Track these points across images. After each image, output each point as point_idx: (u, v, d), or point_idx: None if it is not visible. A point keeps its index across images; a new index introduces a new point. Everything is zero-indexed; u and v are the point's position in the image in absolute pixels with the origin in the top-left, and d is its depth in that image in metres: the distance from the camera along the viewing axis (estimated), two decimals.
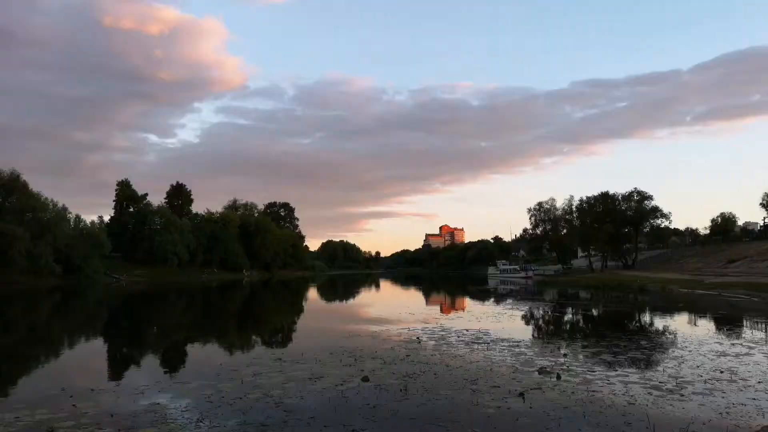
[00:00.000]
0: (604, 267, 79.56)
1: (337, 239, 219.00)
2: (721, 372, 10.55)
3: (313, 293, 51.02)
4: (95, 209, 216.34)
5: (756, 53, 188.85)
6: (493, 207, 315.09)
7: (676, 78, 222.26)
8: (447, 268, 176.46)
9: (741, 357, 12.27)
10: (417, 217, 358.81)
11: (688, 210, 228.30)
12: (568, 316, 25.63)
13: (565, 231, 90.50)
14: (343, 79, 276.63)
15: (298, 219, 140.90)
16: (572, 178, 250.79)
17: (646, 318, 23.67)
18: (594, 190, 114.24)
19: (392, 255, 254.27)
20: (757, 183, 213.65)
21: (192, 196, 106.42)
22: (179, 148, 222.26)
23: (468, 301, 37.63)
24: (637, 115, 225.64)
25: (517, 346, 14.02)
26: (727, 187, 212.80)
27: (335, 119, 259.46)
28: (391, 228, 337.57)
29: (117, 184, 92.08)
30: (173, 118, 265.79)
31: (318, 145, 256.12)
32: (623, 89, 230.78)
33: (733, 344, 14.28)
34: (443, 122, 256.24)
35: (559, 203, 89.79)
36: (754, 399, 8.51)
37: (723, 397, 8.59)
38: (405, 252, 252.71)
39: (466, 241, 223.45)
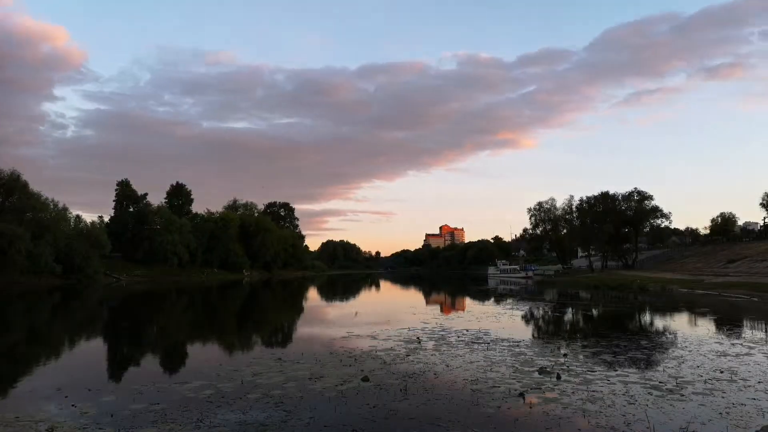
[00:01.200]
0: (604, 267, 79.56)
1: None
2: (721, 372, 10.55)
3: (313, 293, 51.00)
4: None
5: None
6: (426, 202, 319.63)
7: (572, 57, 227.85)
8: (447, 268, 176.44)
9: (741, 357, 12.27)
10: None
11: (685, 209, 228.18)
12: (568, 316, 25.62)
13: (565, 231, 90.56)
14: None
15: (298, 219, 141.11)
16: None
17: (646, 318, 23.67)
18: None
19: (392, 255, 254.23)
20: (757, 183, 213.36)
21: (192, 196, 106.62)
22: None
23: (468, 301, 37.62)
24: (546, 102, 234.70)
25: (517, 346, 14.02)
26: (726, 187, 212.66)
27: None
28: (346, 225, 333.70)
29: (117, 184, 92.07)
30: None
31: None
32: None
33: (733, 344, 14.28)
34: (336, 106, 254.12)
35: (559, 203, 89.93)
36: (754, 399, 8.51)
37: (723, 397, 8.59)
38: (405, 252, 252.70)
39: (466, 241, 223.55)
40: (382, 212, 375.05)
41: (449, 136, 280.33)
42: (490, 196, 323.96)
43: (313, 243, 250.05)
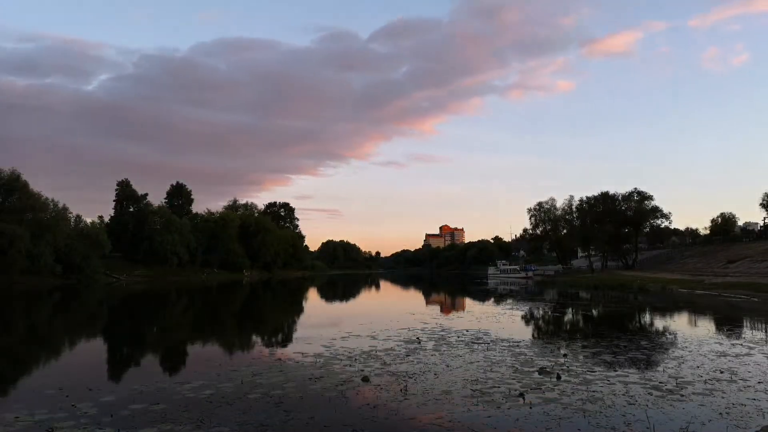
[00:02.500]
0: (604, 267, 79.56)
1: None
2: (721, 372, 10.55)
3: (313, 293, 51.00)
4: None
5: None
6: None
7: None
8: (447, 268, 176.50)
9: (741, 357, 12.27)
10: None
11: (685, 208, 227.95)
12: (568, 317, 25.62)
13: (565, 231, 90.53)
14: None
15: (298, 219, 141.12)
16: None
17: (646, 318, 23.66)
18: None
19: (392, 255, 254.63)
20: (757, 183, 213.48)
21: (192, 196, 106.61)
22: None
23: (468, 302, 37.62)
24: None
25: (517, 346, 14.02)
26: (725, 187, 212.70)
27: None
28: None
29: (117, 184, 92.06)
30: None
31: None
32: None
33: (733, 344, 14.27)
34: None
35: (559, 203, 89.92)
36: (754, 399, 8.51)
37: (723, 398, 8.59)
38: (405, 252, 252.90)
39: (466, 241, 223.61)
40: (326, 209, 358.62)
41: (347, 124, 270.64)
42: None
43: None
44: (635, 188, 76.74)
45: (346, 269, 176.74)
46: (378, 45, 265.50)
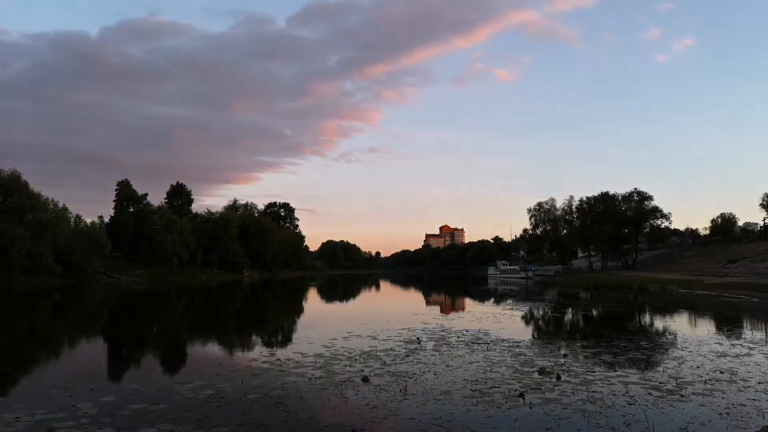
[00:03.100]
0: (604, 267, 79.57)
1: None
2: (721, 372, 10.55)
3: (313, 293, 51.00)
4: None
5: None
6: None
7: None
8: (447, 268, 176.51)
9: (741, 357, 12.28)
10: None
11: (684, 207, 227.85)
12: (568, 317, 25.62)
13: (565, 231, 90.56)
14: None
15: (298, 219, 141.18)
16: None
17: (646, 318, 23.67)
18: None
19: (392, 255, 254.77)
20: (757, 183, 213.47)
21: (192, 196, 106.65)
22: None
23: (468, 302, 37.62)
24: None
25: (517, 346, 14.02)
26: (725, 187, 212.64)
27: None
28: None
29: (117, 184, 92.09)
30: None
31: None
32: None
33: (733, 345, 14.28)
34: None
35: (559, 203, 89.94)
36: (754, 400, 8.51)
37: (723, 398, 8.59)
38: (405, 252, 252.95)
39: (466, 242, 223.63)
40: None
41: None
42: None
43: None
44: (635, 188, 76.94)
45: (346, 269, 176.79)
46: (305, 31, 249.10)
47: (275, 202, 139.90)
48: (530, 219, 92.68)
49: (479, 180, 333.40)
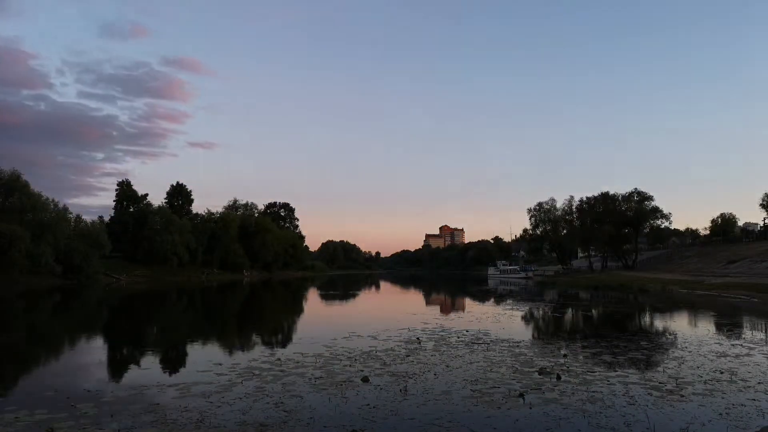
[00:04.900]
0: (604, 267, 79.61)
1: None
2: (721, 373, 10.55)
3: (313, 294, 50.99)
4: None
5: None
6: None
7: None
8: (447, 268, 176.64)
9: (741, 358, 12.28)
10: None
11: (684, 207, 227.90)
12: (568, 317, 25.61)
13: (565, 231, 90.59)
14: None
15: (298, 219, 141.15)
16: None
17: (646, 319, 23.67)
18: None
19: (392, 255, 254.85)
20: (757, 183, 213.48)
21: (192, 196, 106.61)
22: None
23: (468, 302, 37.61)
24: None
25: (517, 346, 14.02)
26: (725, 187, 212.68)
27: None
28: None
29: (117, 185, 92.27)
30: None
31: None
32: None
33: (733, 345, 14.28)
34: None
35: (559, 203, 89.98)
36: (754, 400, 8.51)
37: (723, 398, 8.60)
38: (405, 252, 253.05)
39: (466, 242, 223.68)
40: None
41: None
42: None
43: None
44: (635, 188, 76.99)
45: (346, 269, 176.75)
46: None
47: (275, 202, 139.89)
48: (530, 219, 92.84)
49: (479, 179, 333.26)
